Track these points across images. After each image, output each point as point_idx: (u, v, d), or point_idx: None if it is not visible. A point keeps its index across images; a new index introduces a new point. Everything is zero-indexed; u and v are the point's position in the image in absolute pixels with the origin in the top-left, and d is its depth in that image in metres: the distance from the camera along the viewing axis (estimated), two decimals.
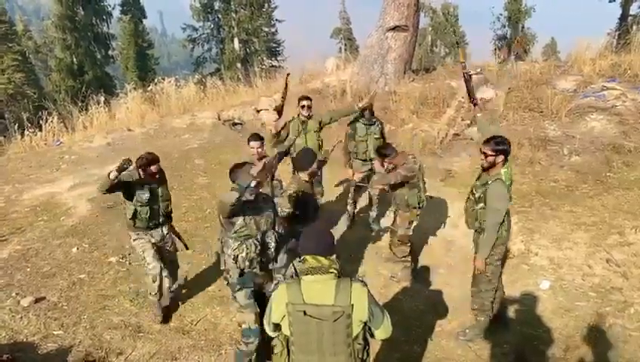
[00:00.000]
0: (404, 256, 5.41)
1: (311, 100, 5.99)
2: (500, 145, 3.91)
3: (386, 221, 6.59)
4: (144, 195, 4.49)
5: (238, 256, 3.57)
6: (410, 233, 5.31)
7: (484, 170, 4.08)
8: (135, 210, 4.50)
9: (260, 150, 4.88)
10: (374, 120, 6.20)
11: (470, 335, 4.52)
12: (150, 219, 4.62)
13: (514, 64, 10.22)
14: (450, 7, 37.21)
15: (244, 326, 3.79)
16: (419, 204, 5.17)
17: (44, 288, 5.38)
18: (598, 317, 4.52)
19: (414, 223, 5.28)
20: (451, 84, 10.04)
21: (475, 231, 4.28)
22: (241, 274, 3.67)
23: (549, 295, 4.96)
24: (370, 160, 6.11)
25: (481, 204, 4.07)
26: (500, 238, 4.11)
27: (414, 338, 4.54)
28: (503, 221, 4.04)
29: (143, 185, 4.48)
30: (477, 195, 4.13)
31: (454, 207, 6.41)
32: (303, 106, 5.92)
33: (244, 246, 3.56)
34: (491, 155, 3.93)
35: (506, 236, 4.19)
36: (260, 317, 3.54)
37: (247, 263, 3.61)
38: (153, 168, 4.53)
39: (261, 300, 3.72)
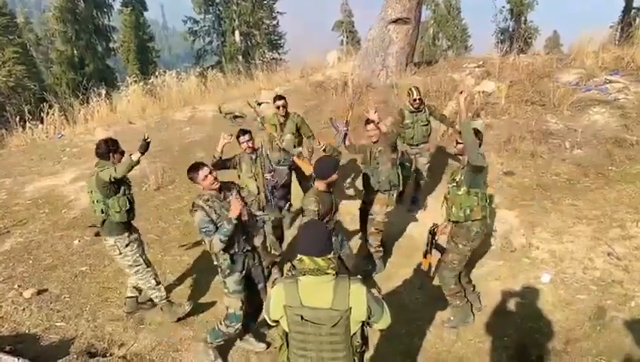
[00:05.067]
0: (378, 246, 5.48)
1: (285, 100, 6.12)
2: None
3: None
4: None
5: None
6: (387, 219, 5.40)
7: (460, 155, 4.41)
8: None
9: (249, 143, 5.13)
10: (422, 107, 6.42)
11: (455, 322, 4.60)
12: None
13: (516, 57, 10.16)
14: None
15: (230, 310, 3.97)
16: (398, 181, 5.30)
17: (46, 280, 5.41)
18: (598, 310, 4.51)
19: (389, 208, 5.37)
20: (453, 77, 10.00)
21: (457, 222, 4.34)
22: (232, 259, 3.86)
23: (549, 288, 4.95)
24: (417, 145, 6.51)
25: (464, 188, 4.20)
26: (477, 233, 4.28)
27: (415, 331, 4.55)
28: (485, 217, 4.23)
29: None
30: (457, 179, 4.31)
31: None
32: (278, 107, 6.05)
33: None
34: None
35: (482, 232, 4.34)
36: (246, 302, 3.98)
37: (235, 246, 3.85)
38: None
39: (250, 283, 4.08)
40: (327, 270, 2.42)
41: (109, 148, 4.40)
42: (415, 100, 6.29)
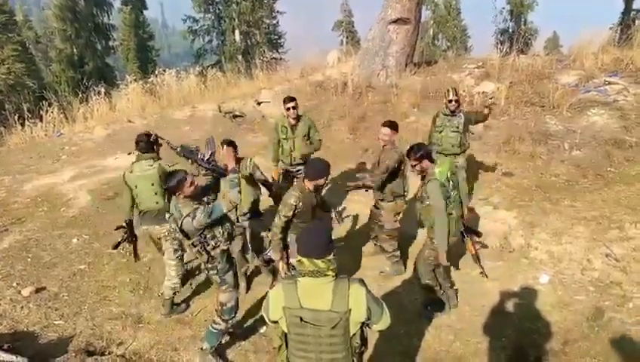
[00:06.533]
0: (394, 251, 5.43)
1: (296, 101, 5.71)
2: (419, 152, 4.29)
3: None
4: None
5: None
6: (398, 225, 5.31)
7: (422, 176, 4.41)
8: None
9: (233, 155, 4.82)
10: (458, 111, 5.95)
11: (430, 312, 4.76)
12: None
13: (516, 58, 10.17)
14: None
15: (229, 304, 3.98)
16: (404, 191, 5.19)
17: (45, 278, 5.40)
18: (597, 311, 4.52)
19: (399, 216, 5.27)
20: (453, 77, 10.01)
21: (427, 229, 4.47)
22: (229, 258, 3.99)
23: (548, 289, 4.96)
24: (447, 155, 5.91)
25: (427, 202, 4.29)
26: (449, 232, 4.30)
27: (414, 332, 4.55)
28: (452, 213, 4.26)
29: None
30: (419, 194, 4.45)
31: None
32: (288, 108, 5.64)
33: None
34: (416, 163, 4.30)
35: (455, 231, 4.38)
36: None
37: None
38: None
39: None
40: (326, 272, 2.41)
41: (152, 141, 4.76)
42: (451, 101, 5.85)
